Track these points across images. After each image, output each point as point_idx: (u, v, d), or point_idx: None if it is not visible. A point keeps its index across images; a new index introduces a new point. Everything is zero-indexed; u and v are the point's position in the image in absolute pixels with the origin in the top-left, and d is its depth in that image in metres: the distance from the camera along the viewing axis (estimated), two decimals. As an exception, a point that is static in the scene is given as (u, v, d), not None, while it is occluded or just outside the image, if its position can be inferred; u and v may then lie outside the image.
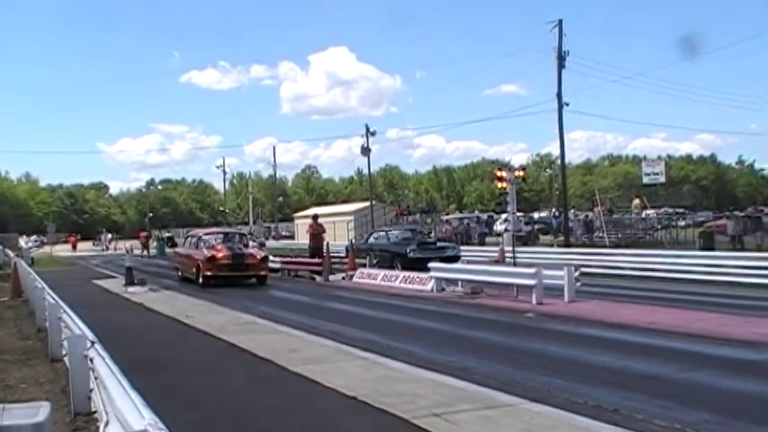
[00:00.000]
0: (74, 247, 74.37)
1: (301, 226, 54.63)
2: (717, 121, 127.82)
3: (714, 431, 6.52)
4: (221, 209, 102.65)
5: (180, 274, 27.69)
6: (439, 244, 29.77)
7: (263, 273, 25.04)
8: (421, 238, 30.06)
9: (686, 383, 8.76)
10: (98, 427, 5.62)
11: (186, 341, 12.92)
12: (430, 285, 20.32)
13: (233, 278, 24.06)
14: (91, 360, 6.69)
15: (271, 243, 56.56)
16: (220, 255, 24.46)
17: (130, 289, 22.80)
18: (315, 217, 31.12)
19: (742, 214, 39.44)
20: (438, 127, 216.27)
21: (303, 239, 42.26)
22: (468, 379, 8.64)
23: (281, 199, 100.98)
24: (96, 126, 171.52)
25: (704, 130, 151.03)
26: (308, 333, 12.96)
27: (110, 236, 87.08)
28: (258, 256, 25.65)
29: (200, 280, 24.25)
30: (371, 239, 30.09)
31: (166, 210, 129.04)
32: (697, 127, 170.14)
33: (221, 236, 27.77)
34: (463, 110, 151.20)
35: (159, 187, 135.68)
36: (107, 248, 74.72)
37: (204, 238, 26.96)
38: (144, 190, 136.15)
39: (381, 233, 30.81)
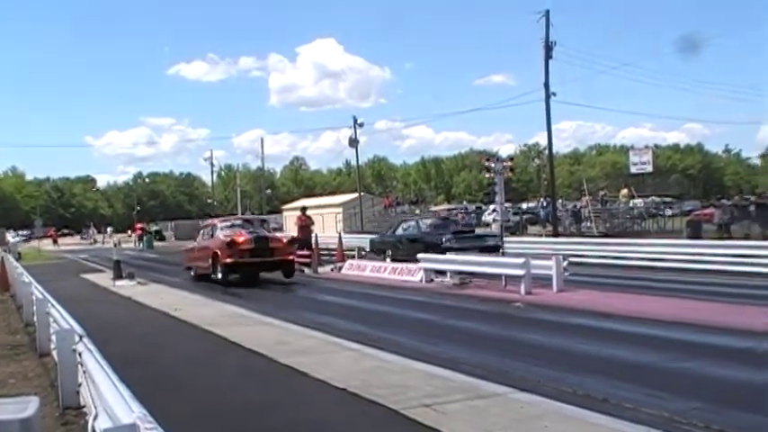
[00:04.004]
0: (54, 241, 73.27)
1: (290, 218, 54.63)
2: (704, 110, 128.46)
3: (704, 419, 6.52)
4: (209, 201, 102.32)
5: (193, 273, 24.81)
6: (478, 232, 28.64)
7: (290, 257, 22.68)
8: (455, 226, 28.33)
9: (676, 372, 8.79)
10: (87, 421, 5.59)
11: (175, 334, 12.90)
12: (419, 276, 20.34)
13: (257, 267, 22.02)
14: (79, 354, 6.67)
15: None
16: (242, 239, 21.92)
17: (118, 282, 22.72)
18: (303, 209, 30.98)
19: (729, 203, 39.58)
20: (426, 118, 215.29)
21: (292, 232, 42.17)
22: (457, 369, 8.65)
23: (269, 191, 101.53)
24: (83, 119, 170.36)
25: (692, 120, 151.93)
26: (297, 325, 12.94)
27: (109, 230, 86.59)
28: (284, 240, 23.76)
29: (219, 273, 21.76)
30: (399, 230, 28.03)
31: (154, 203, 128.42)
32: (684, 116, 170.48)
33: (240, 222, 25.53)
34: (452, 100, 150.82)
35: (147, 180, 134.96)
36: (95, 242, 74.36)
37: (221, 225, 24.35)
38: (131, 183, 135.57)
39: (411, 222, 28.77)
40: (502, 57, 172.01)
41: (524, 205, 65.23)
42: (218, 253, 21.75)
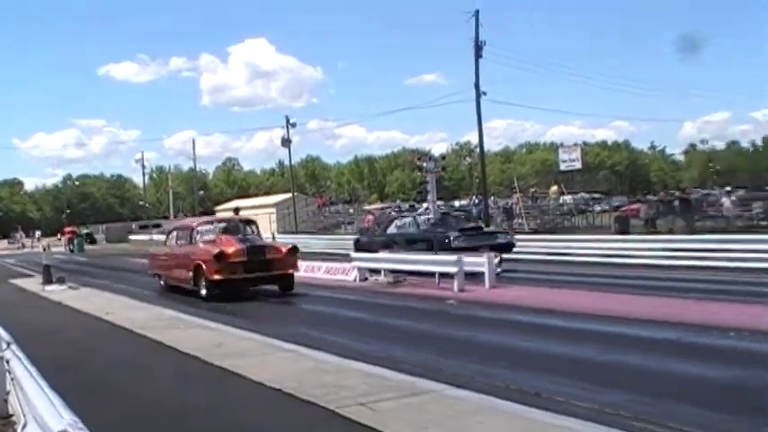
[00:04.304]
0: None
1: (223, 219, 53.90)
2: (631, 108, 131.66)
3: (635, 410, 6.70)
4: (141, 203, 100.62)
5: (164, 282, 21.19)
6: (487, 230, 26.15)
7: (290, 271, 18.61)
8: (456, 223, 25.53)
9: (609, 365, 9.03)
10: (15, 430, 5.47)
11: (107, 339, 12.63)
12: (353, 275, 20.41)
13: (251, 282, 18.13)
14: (7, 362, 6.51)
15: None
16: (232, 250, 17.83)
17: (48, 287, 22.15)
18: (236, 210, 30.82)
19: (655, 198, 40.65)
20: (359, 118, 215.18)
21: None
22: (393, 368, 8.68)
23: (201, 192, 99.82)
24: (9, 121, 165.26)
25: (619, 118, 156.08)
26: (233, 327, 12.81)
27: (38, 233, 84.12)
28: (283, 249, 18.85)
29: (203, 290, 17.83)
30: (393, 228, 25.46)
31: (84, 205, 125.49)
32: (612, 114, 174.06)
33: (223, 225, 20.63)
34: (384, 100, 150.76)
35: (76, 183, 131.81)
36: (23, 246, 72.32)
37: (200, 228, 19.74)
38: (60, 186, 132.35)
39: (407, 219, 26.10)
40: (433, 56, 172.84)
41: (457, 203, 65.94)
42: (203, 266, 17.71)
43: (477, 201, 54.04)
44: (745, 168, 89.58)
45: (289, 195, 60.88)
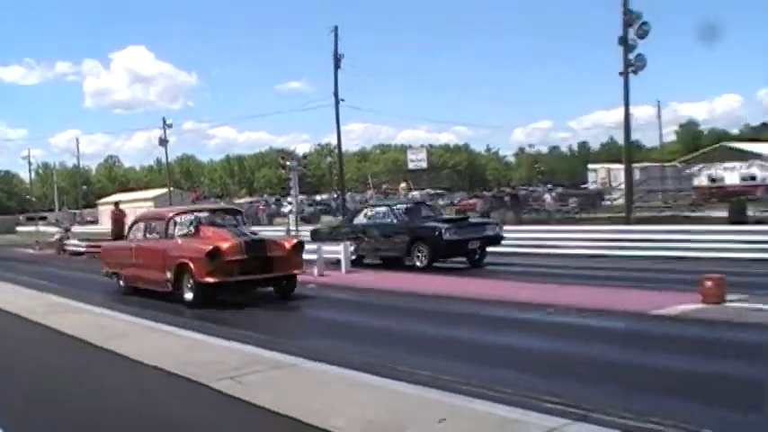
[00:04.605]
0: None
1: (104, 212, 52.12)
2: (470, 114, 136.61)
3: (465, 375, 6.99)
4: (28, 197, 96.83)
5: (124, 283, 16.04)
6: (472, 220, 21.41)
7: (295, 271, 14.20)
8: (427, 211, 20.61)
9: (445, 338, 9.49)
10: None
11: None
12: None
13: (248, 286, 14.00)
14: None
15: (76, 228, 53.65)
16: (227, 245, 13.36)
17: None
18: (116, 203, 29.73)
19: (489, 194, 42.45)
20: (230, 119, 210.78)
21: (107, 225, 40.27)
22: (260, 345, 8.75)
23: (85, 187, 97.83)
24: None
25: (460, 123, 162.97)
26: (116, 311, 12.42)
27: None
28: (287, 245, 14.44)
29: (188, 293, 13.38)
30: (361, 218, 20.28)
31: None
32: (454, 120, 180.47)
33: (206, 214, 15.63)
34: (254, 104, 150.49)
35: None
36: None
37: (179, 219, 14.84)
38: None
39: (380, 209, 20.15)
40: (299, 64, 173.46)
41: (318, 197, 66.23)
42: (190, 266, 13.24)
43: (336, 195, 54.50)
44: (564, 169, 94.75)
45: (166, 190, 60.90)
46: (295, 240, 15.20)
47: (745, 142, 69.06)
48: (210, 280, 12.87)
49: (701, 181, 50.11)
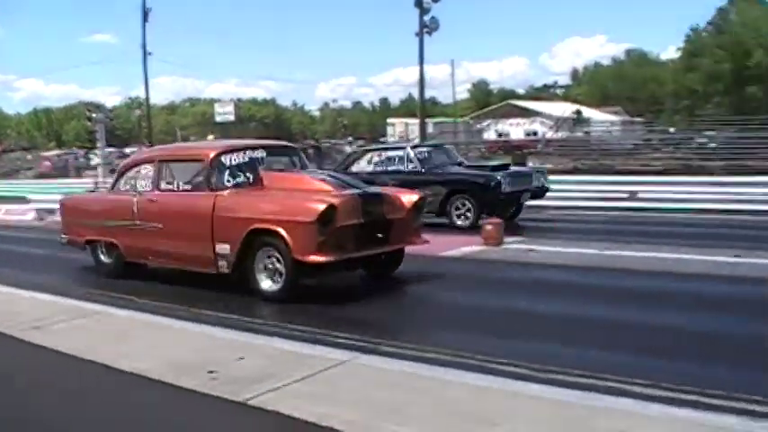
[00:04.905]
0: None
1: None
2: (278, 70, 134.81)
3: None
4: None
5: (110, 258, 9.94)
6: (517, 169, 15.47)
7: (416, 241, 8.68)
8: (447, 157, 14.82)
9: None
10: None
11: None
12: (30, 216, 18.76)
13: (362, 262, 8.25)
14: None
15: None
16: (339, 202, 7.62)
17: None
18: None
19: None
20: (37, 72, 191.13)
21: None
22: (64, 294, 8.18)
23: None
24: None
25: (268, 78, 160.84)
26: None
27: None
28: (405, 202, 8.52)
29: (270, 282, 7.74)
30: (364, 166, 15.10)
31: None
32: (263, 75, 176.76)
33: (262, 154, 8.93)
34: (61, 56, 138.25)
35: None
36: None
37: (230, 161, 8.59)
38: None
39: (396, 153, 14.56)
40: (108, 18, 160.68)
41: (128, 150, 62.50)
42: (283, 234, 7.41)
43: (146, 148, 51.85)
44: (366, 124, 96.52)
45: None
46: (415, 195, 8.79)
47: (529, 101, 73.07)
48: (320, 259, 7.39)
49: (490, 135, 52.65)
